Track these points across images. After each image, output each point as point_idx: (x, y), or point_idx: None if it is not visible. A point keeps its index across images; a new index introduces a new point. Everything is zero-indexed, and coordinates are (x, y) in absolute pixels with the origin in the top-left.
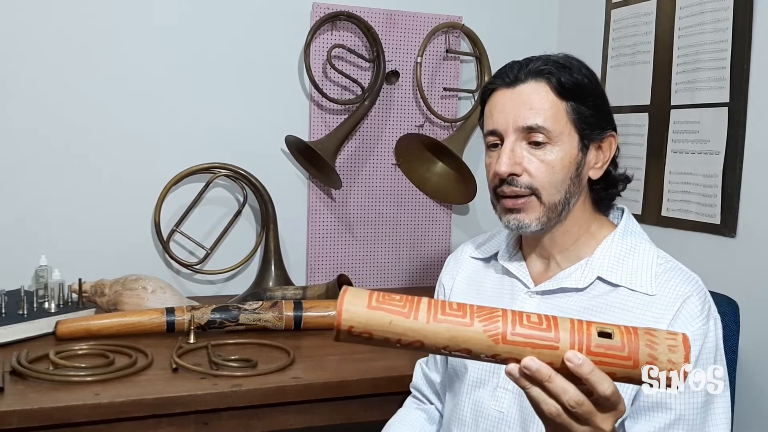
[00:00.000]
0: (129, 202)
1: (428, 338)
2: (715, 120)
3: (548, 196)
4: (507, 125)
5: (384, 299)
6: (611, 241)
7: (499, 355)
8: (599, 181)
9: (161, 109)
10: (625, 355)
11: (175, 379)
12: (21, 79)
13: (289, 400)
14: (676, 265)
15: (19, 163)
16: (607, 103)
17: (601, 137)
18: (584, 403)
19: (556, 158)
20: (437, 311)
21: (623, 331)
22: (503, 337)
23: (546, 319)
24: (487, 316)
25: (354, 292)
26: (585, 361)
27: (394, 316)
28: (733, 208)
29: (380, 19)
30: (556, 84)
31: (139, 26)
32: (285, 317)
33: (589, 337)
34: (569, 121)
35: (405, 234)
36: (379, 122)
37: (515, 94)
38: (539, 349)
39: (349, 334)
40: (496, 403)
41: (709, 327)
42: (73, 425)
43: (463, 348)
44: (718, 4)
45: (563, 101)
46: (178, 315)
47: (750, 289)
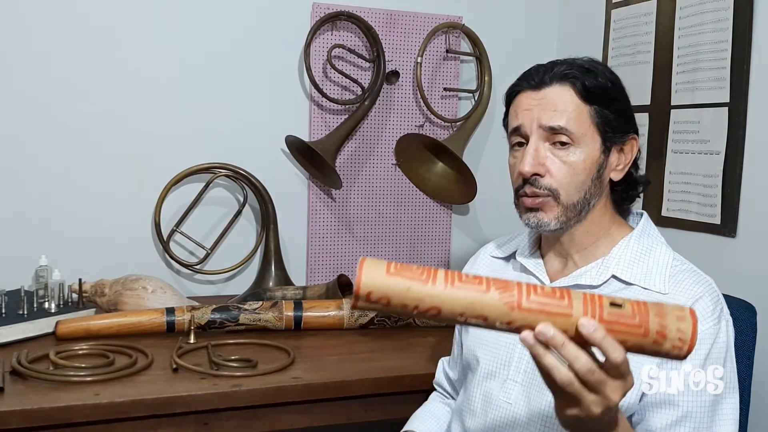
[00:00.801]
0: (129, 202)
1: (445, 304)
2: (715, 120)
3: (567, 196)
4: (531, 124)
5: (402, 267)
6: (628, 241)
7: (514, 322)
8: (620, 183)
9: (161, 109)
10: (636, 323)
11: (175, 379)
12: (21, 80)
13: (289, 400)
14: (690, 268)
15: (19, 163)
16: (630, 107)
17: (624, 140)
18: (596, 371)
19: (578, 160)
20: (455, 279)
21: (633, 303)
22: (519, 304)
23: (559, 290)
24: (503, 285)
25: (373, 261)
26: (598, 327)
27: (412, 282)
28: (733, 208)
29: (380, 19)
30: (580, 87)
31: (139, 26)
32: (285, 317)
33: (602, 306)
34: (592, 124)
35: (405, 234)
36: (379, 122)
37: (540, 96)
38: (553, 316)
39: (367, 299)
40: (504, 395)
41: (720, 328)
42: (73, 425)
43: (479, 314)
44: (718, 4)
45: (587, 104)
46: (178, 315)
47: (751, 289)
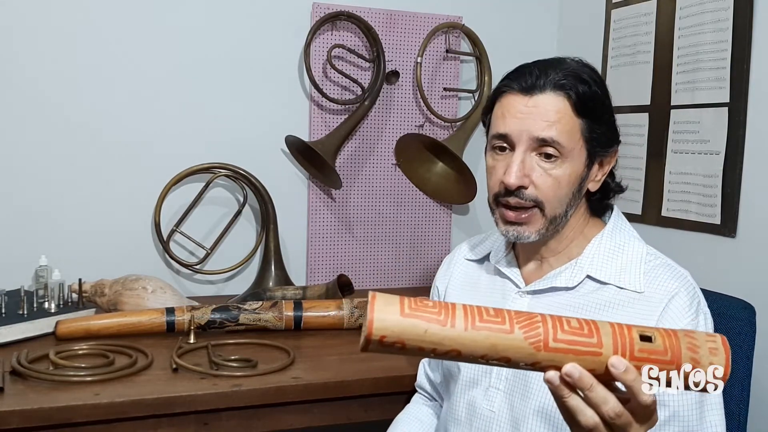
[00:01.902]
0: (129, 202)
1: (466, 347)
2: (715, 120)
3: (551, 209)
4: (521, 133)
5: (417, 305)
6: (600, 239)
7: (539, 362)
8: (596, 192)
9: (161, 109)
10: (668, 359)
11: (175, 379)
12: (21, 80)
13: (289, 400)
14: (664, 262)
15: (20, 163)
16: (615, 119)
17: (607, 153)
18: (623, 414)
19: (564, 174)
20: (475, 318)
21: (663, 334)
22: (545, 345)
23: (587, 323)
24: (526, 322)
25: (385, 298)
26: (629, 367)
27: (430, 324)
28: (733, 208)
29: (380, 19)
30: (575, 99)
31: (139, 26)
32: (285, 317)
33: (632, 341)
34: (581, 139)
35: (405, 234)
36: (379, 122)
37: (533, 104)
38: (582, 355)
39: (380, 344)
40: (488, 403)
41: (698, 322)
42: (73, 425)
43: (502, 356)
44: (718, 4)
45: (580, 118)
46: (178, 315)
47: (750, 289)
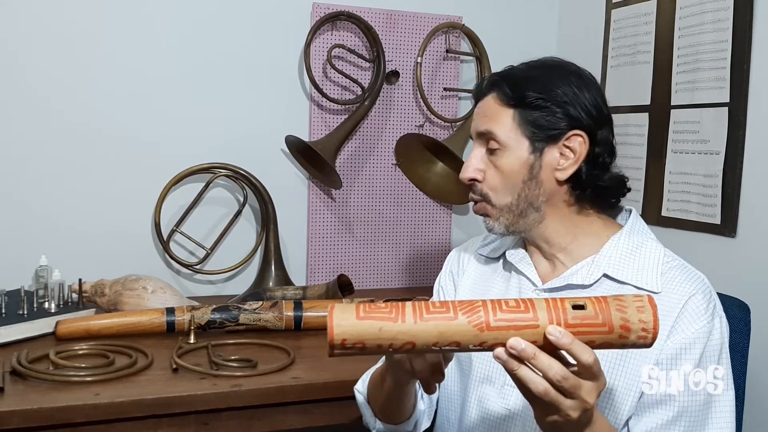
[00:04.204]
0: (129, 202)
1: (418, 338)
2: (715, 120)
3: (497, 198)
4: (473, 133)
5: (370, 308)
6: (618, 239)
7: (485, 342)
8: (582, 182)
9: (161, 109)
10: (599, 322)
11: (175, 379)
12: (21, 80)
13: (289, 400)
14: (681, 264)
15: (19, 163)
16: (568, 106)
17: (557, 139)
18: (569, 377)
19: (506, 162)
20: (423, 311)
21: (594, 301)
22: (487, 325)
23: (523, 302)
24: (468, 308)
25: (341, 307)
26: (564, 333)
27: (383, 323)
28: (733, 208)
29: (380, 19)
30: (501, 93)
31: (139, 27)
32: (285, 317)
33: (565, 311)
34: (516, 127)
35: (405, 234)
36: (379, 122)
37: (479, 106)
38: (521, 330)
39: (342, 347)
40: (503, 400)
41: (713, 325)
42: (73, 425)
43: (452, 341)
44: (718, 4)
45: (510, 108)
46: (178, 315)
47: (750, 289)
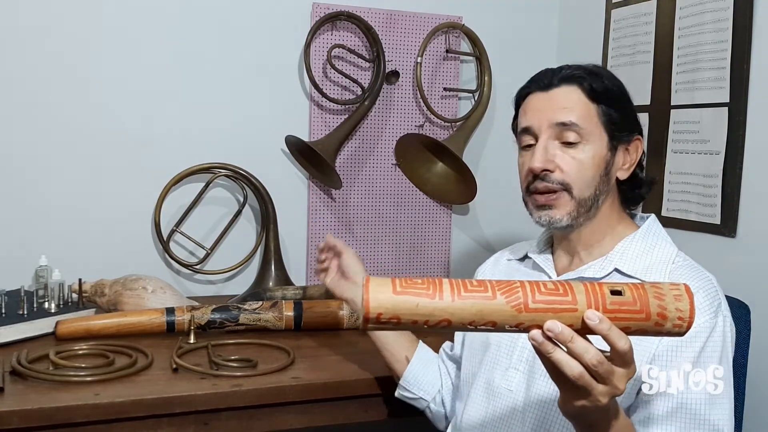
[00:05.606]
0: (129, 202)
1: (455, 315)
2: (715, 120)
3: (579, 191)
4: (541, 123)
5: (407, 283)
6: (632, 238)
7: (522, 323)
8: (626, 182)
9: (161, 108)
10: (637, 309)
11: (175, 379)
12: (21, 80)
13: (289, 400)
14: (691, 264)
15: (19, 163)
16: (634, 110)
17: (629, 140)
18: (604, 362)
19: (587, 156)
20: (460, 289)
21: (632, 288)
22: (525, 306)
23: (561, 285)
24: (506, 288)
25: (377, 280)
26: (603, 318)
27: (420, 299)
28: (733, 208)
29: (380, 19)
30: (587, 87)
31: (139, 26)
32: (285, 317)
33: (603, 296)
34: (600, 122)
35: (405, 234)
36: (379, 122)
37: (549, 97)
38: (560, 312)
39: (377, 321)
40: (506, 382)
41: (716, 323)
42: (73, 425)
43: (488, 321)
44: (718, 4)
45: (594, 103)
46: (178, 315)
47: (750, 289)
